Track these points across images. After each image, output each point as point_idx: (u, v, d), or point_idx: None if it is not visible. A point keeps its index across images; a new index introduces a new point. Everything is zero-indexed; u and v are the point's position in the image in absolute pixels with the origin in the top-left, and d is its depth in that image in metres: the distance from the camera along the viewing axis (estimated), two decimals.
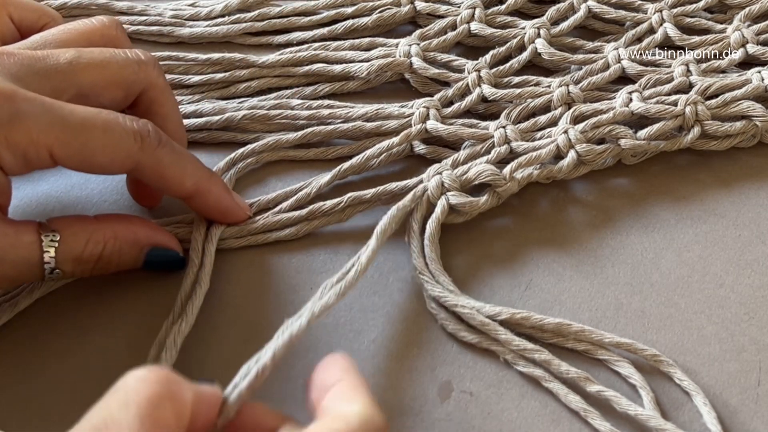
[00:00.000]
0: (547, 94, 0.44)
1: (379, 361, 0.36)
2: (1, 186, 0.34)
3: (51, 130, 0.33)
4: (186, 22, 0.49)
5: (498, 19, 0.49)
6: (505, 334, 0.36)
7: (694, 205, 0.42)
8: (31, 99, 0.33)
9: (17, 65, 0.34)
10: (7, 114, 0.32)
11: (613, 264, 0.40)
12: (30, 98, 0.33)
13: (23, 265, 0.34)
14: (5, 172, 0.33)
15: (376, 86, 0.47)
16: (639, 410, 0.34)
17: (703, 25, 0.49)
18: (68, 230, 0.34)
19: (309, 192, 0.40)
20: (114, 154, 0.34)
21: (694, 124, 0.43)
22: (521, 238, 0.41)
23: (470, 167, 0.41)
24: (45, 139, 0.33)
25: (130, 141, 0.34)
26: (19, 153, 0.33)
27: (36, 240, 0.34)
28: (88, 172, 0.35)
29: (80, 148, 0.34)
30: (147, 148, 0.35)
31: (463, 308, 0.36)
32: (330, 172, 0.41)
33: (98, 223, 0.36)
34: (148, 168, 0.35)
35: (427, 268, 0.38)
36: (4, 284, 0.35)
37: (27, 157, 0.33)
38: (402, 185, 0.40)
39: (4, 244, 0.33)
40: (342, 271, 0.34)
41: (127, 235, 0.36)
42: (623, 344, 0.36)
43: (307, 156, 0.43)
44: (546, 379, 0.35)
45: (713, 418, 0.34)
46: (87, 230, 0.35)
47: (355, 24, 0.48)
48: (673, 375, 0.35)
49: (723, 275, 0.39)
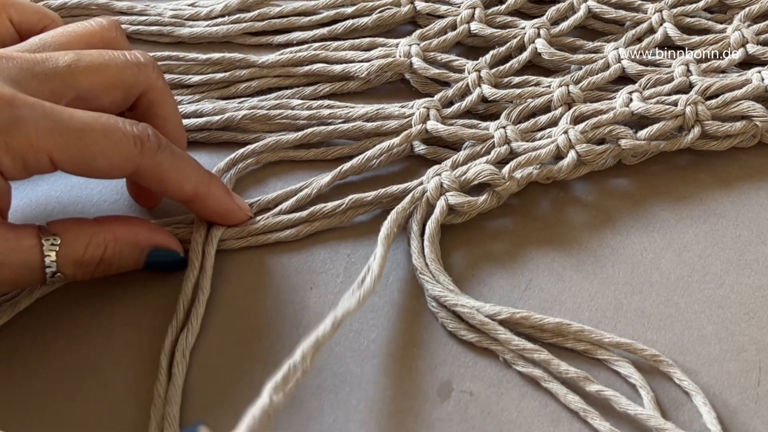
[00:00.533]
0: (547, 94, 0.44)
1: (379, 361, 0.36)
2: (1, 191, 0.34)
3: (50, 135, 0.33)
4: (186, 22, 0.49)
5: (498, 19, 0.49)
6: (504, 334, 0.36)
7: (694, 205, 0.42)
8: (30, 104, 0.33)
9: (16, 69, 0.34)
10: (6, 119, 0.32)
11: (613, 264, 0.40)
12: (30, 103, 0.33)
13: (24, 269, 0.34)
14: (5, 177, 0.33)
15: (376, 86, 0.47)
16: (639, 410, 0.34)
17: (703, 25, 0.49)
18: (69, 233, 0.34)
19: (309, 192, 0.40)
20: (114, 158, 0.34)
21: (694, 124, 0.43)
22: (521, 238, 0.41)
23: (469, 167, 0.41)
24: (45, 144, 0.33)
25: (129, 145, 0.34)
26: (18, 158, 0.33)
27: (37, 244, 0.34)
28: (88, 177, 0.35)
29: (80, 152, 0.33)
30: (147, 153, 0.35)
31: (463, 308, 0.36)
32: (330, 173, 0.41)
33: (98, 225, 0.36)
34: (147, 172, 0.35)
35: (428, 268, 0.38)
36: (5, 288, 0.35)
37: (27, 162, 0.33)
38: (403, 188, 0.40)
39: (4, 248, 0.33)
40: (357, 282, 0.34)
41: (128, 237, 0.36)
42: (623, 344, 0.36)
43: (307, 156, 0.43)
44: (545, 378, 0.35)
45: (713, 418, 0.34)
46: (87, 233, 0.35)
47: (355, 24, 0.48)
48: (672, 375, 0.35)
49: (723, 275, 0.39)
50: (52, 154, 0.33)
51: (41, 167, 0.34)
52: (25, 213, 0.40)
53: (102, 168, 0.34)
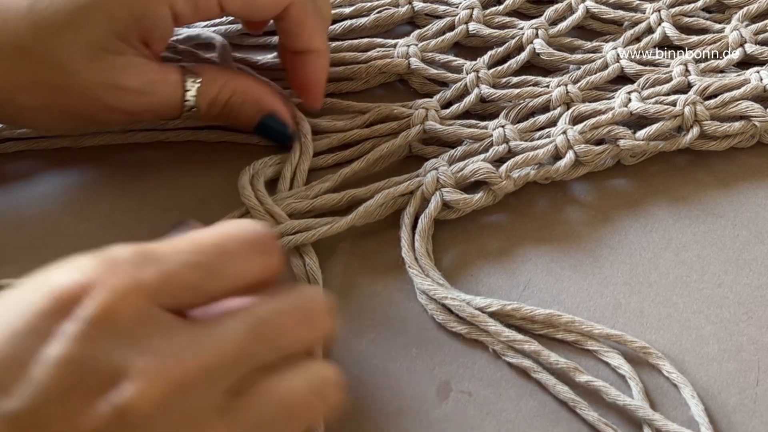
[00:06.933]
0: (546, 94, 0.44)
1: (378, 361, 0.36)
2: (167, 32, 0.38)
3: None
4: None
5: (496, 19, 0.49)
6: (494, 326, 0.36)
7: (693, 205, 0.42)
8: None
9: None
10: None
11: (612, 264, 0.40)
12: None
13: (167, 100, 0.38)
14: (177, 19, 0.37)
15: (374, 86, 0.47)
16: (628, 401, 0.34)
17: (702, 24, 0.49)
18: (207, 75, 0.39)
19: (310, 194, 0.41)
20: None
21: (693, 124, 0.43)
22: (519, 238, 0.41)
23: (466, 164, 0.41)
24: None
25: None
26: (191, 1, 0.37)
27: (180, 80, 0.39)
28: (247, 18, 0.42)
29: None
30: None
31: (453, 300, 0.37)
32: (330, 176, 0.41)
33: (233, 73, 0.41)
34: (294, 13, 0.40)
35: (417, 263, 0.38)
36: (147, 116, 0.40)
37: (198, 5, 0.37)
38: (403, 188, 0.40)
39: (154, 79, 0.38)
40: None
41: (254, 93, 0.40)
42: (613, 336, 0.36)
43: None
44: (535, 369, 0.35)
45: (701, 410, 0.34)
46: (223, 77, 0.40)
47: (353, 24, 0.48)
48: (661, 367, 0.36)
49: (721, 275, 0.39)
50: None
51: (210, 11, 0.38)
52: (25, 212, 0.40)
53: (263, 5, 0.39)
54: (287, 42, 0.41)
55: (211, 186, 0.42)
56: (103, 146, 0.43)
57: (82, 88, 0.37)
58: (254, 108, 0.40)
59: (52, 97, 0.37)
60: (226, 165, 0.42)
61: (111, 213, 0.40)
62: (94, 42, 0.36)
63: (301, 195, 0.40)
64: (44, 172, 0.42)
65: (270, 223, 0.38)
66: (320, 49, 0.41)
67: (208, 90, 0.39)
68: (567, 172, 0.42)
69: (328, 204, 0.40)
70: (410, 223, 0.39)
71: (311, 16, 0.40)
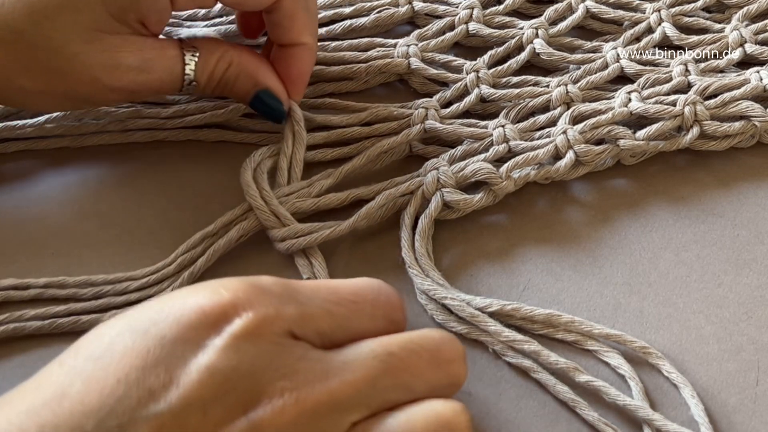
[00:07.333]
0: (546, 94, 0.44)
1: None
2: (164, 14, 0.38)
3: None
4: (184, 23, 0.49)
5: (496, 19, 0.49)
6: (494, 326, 0.36)
7: (693, 205, 0.42)
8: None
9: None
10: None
11: (612, 264, 0.40)
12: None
13: (167, 75, 0.39)
14: (173, 4, 0.38)
15: (374, 86, 0.47)
16: (628, 401, 0.34)
17: (702, 24, 0.49)
18: (205, 48, 0.40)
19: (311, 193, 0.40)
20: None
21: (693, 124, 0.43)
22: (519, 238, 0.41)
23: (467, 164, 0.41)
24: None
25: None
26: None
27: (179, 54, 0.39)
28: (241, 8, 0.42)
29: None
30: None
31: (453, 300, 0.37)
32: (331, 171, 0.41)
33: (230, 45, 0.40)
34: (286, 5, 0.40)
35: (417, 263, 0.38)
36: (148, 94, 0.40)
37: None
38: (404, 188, 0.40)
39: (153, 55, 0.38)
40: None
41: (249, 66, 0.40)
42: (613, 335, 0.36)
43: (306, 157, 0.43)
44: (535, 369, 0.35)
45: (701, 410, 0.34)
46: (220, 49, 0.40)
47: (353, 24, 0.48)
48: (661, 367, 0.36)
49: (721, 275, 0.40)
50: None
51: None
52: (25, 212, 0.40)
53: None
54: (276, 35, 0.41)
55: (210, 185, 0.42)
56: (103, 146, 0.43)
57: (81, 71, 0.37)
58: (250, 82, 0.40)
59: (52, 79, 0.37)
60: (226, 164, 0.42)
61: (111, 213, 0.41)
62: (90, 24, 0.36)
63: (304, 193, 0.40)
64: (44, 172, 0.42)
65: (275, 223, 0.38)
66: (309, 43, 0.41)
67: (206, 63, 0.39)
68: (567, 172, 0.42)
69: (332, 204, 0.40)
70: (410, 223, 0.39)
71: (302, 11, 0.40)
